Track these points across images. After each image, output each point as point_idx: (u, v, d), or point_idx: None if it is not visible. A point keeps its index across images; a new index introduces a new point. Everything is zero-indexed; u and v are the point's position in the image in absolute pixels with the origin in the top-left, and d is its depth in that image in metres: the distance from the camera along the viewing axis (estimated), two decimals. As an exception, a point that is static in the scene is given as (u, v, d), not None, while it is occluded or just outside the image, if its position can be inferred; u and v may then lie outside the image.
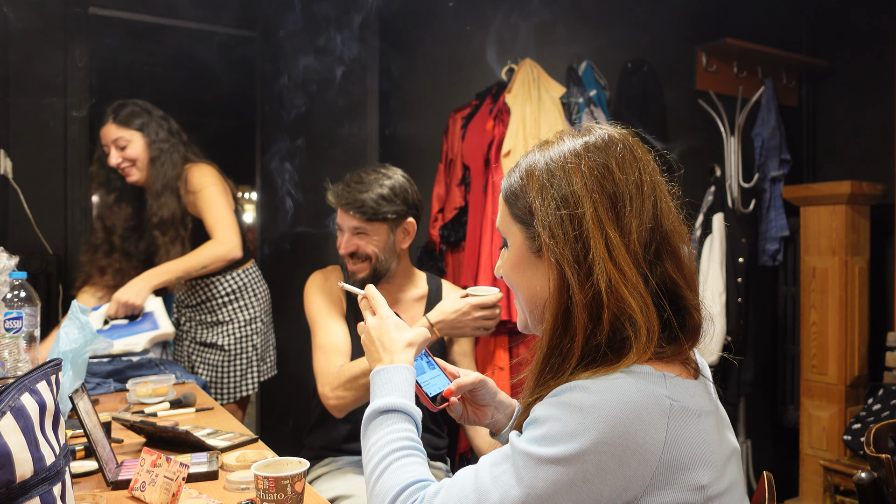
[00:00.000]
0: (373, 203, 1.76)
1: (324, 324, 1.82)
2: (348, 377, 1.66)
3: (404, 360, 1.02)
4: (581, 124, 0.95)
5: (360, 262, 1.81)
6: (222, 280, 2.45)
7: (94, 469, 1.29)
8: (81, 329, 1.51)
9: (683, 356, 0.86)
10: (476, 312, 1.65)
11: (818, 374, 3.20)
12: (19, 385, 0.81)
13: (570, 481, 0.75)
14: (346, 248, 1.80)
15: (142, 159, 2.35)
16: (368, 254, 1.79)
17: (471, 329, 1.68)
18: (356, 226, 1.78)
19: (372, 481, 0.89)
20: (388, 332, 1.06)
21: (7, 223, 2.52)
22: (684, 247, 0.88)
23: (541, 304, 0.91)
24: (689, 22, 3.31)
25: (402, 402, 0.96)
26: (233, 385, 2.45)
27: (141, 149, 2.34)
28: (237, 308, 2.46)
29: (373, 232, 1.78)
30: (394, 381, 0.99)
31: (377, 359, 1.05)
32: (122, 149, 2.33)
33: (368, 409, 0.96)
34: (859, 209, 3.18)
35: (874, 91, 3.37)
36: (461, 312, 1.65)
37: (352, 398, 1.67)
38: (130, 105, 2.37)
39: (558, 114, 2.62)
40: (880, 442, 1.29)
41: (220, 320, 2.45)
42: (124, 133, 2.33)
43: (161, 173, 2.33)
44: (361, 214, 1.76)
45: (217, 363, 2.44)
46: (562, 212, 0.85)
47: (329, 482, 1.75)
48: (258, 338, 2.48)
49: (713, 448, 0.81)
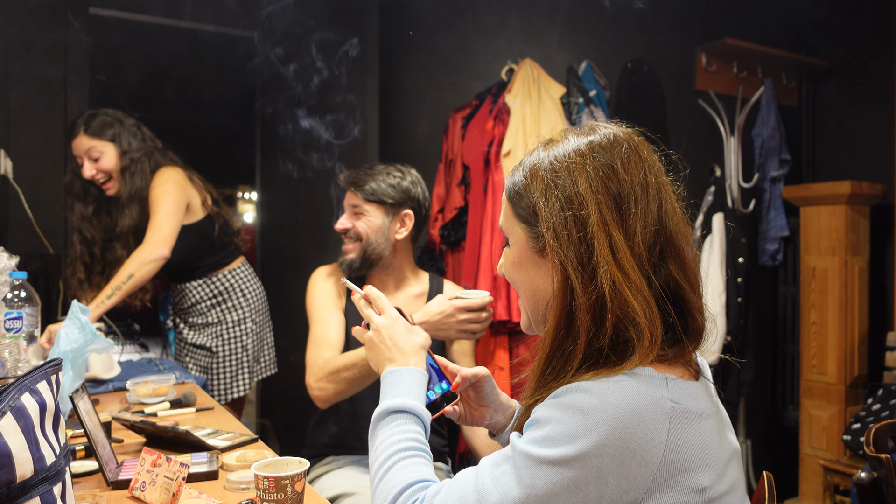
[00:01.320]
0: (374, 185, 1.84)
1: (320, 316, 1.86)
2: (331, 370, 1.69)
3: (419, 364, 1.03)
4: (584, 123, 0.94)
5: (351, 241, 1.87)
6: (208, 282, 2.44)
7: (95, 469, 1.29)
8: (81, 329, 1.51)
9: (686, 358, 0.86)
10: (461, 315, 1.63)
11: (818, 373, 3.20)
12: (19, 385, 0.81)
13: (570, 483, 0.75)
14: (340, 224, 1.87)
15: (116, 170, 2.32)
16: (360, 233, 1.85)
17: (455, 332, 1.65)
18: (354, 203, 1.86)
19: (376, 480, 0.89)
20: (401, 332, 1.07)
21: (7, 223, 2.52)
22: (688, 248, 0.87)
23: (542, 303, 0.91)
24: (689, 22, 3.31)
25: (412, 403, 0.96)
26: (223, 387, 2.43)
27: (114, 160, 2.30)
28: (225, 309, 2.45)
29: (369, 213, 1.85)
30: (405, 382, 0.99)
31: (389, 358, 1.05)
32: (95, 160, 2.29)
33: (378, 409, 0.96)
34: (859, 209, 3.18)
35: (874, 91, 3.37)
36: (445, 314, 1.64)
37: (333, 391, 1.70)
38: (101, 115, 2.32)
39: (558, 114, 2.62)
40: (880, 442, 1.29)
41: (209, 322, 2.45)
42: (96, 144, 2.29)
43: (130, 183, 2.30)
44: (361, 193, 1.84)
45: (206, 365, 2.44)
46: (566, 213, 0.84)
47: (331, 479, 1.76)
48: (249, 338, 2.47)
49: (714, 450, 0.81)
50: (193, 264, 2.43)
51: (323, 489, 1.73)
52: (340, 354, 1.75)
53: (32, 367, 0.87)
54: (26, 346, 1.45)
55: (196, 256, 2.42)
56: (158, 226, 2.23)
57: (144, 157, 2.33)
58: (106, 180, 2.33)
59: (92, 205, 2.40)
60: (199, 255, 2.43)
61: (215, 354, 2.43)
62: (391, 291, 1.91)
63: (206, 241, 2.42)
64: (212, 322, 2.45)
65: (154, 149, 2.37)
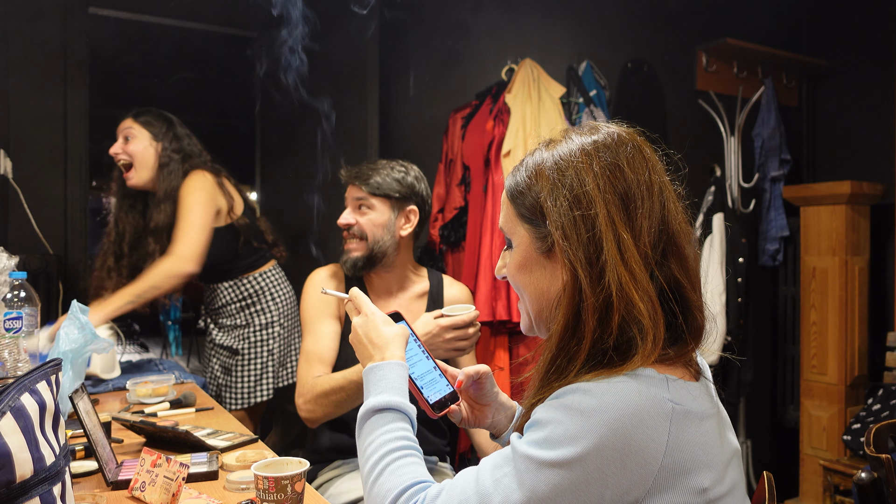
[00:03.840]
0: (379, 178, 1.78)
1: (313, 327, 1.79)
2: (319, 392, 1.64)
3: (396, 356, 1.00)
4: (585, 123, 0.94)
5: (355, 239, 1.80)
6: (238, 284, 2.43)
7: (94, 469, 1.29)
8: (81, 329, 1.51)
9: (686, 358, 0.85)
10: (448, 334, 1.58)
11: (818, 374, 3.20)
12: (19, 385, 0.81)
13: (571, 484, 0.75)
14: (343, 219, 1.80)
15: (140, 160, 2.33)
16: (364, 230, 1.78)
17: (443, 351, 1.59)
18: (359, 196, 1.79)
19: (370, 482, 0.88)
20: (376, 326, 1.04)
21: (7, 223, 2.52)
22: (690, 248, 0.87)
23: (548, 305, 0.90)
24: (689, 22, 3.31)
25: (396, 399, 0.94)
26: (246, 390, 2.40)
27: (143, 149, 2.33)
28: (254, 312, 2.43)
29: (374, 207, 1.78)
30: (388, 378, 0.97)
31: (368, 356, 1.03)
32: (126, 140, 2.33)
33: (363, 408, 0.95)
34: (859, 209, 3.18)
35: (874, 91, 3.37)
36: (432, 335, 1.58)
37: (322, 413, 1.65)
38: (155, 111, 2.39)
39: (558, 114, 2.62)
40: (880, 442, 1.29)
41: (238, 324, 2.43)
42: (135, 127, 2.33)
43: (167, 181, 2.32)
44: (366, 186, 1.78)
45: (230, 366, 2.41)
46: (575, 212, 0.83)
47: (346, 483, 1.72)
48: (275, 342, 2.44)
49: (715, 451, 0.81)
50: (223, 267, 2.43)
51: (336, 494, 1.68)
52: (329, 375, 1.68)
53: (32, 367, 0.87)
54: (26, 346, 1.45)
55: (224, 260, 2.42)
56: (188, 239, 2.22)
57: (184, 158, 2.34)
58: (128, 165, 2.35)
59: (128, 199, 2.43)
60: (227, 259, 2.43)
61: (240, 356, 2.40)
62: (394, 292, 1.86)
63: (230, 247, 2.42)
64: (240, 324, 2.43)
65: (199, 156, 2.38)
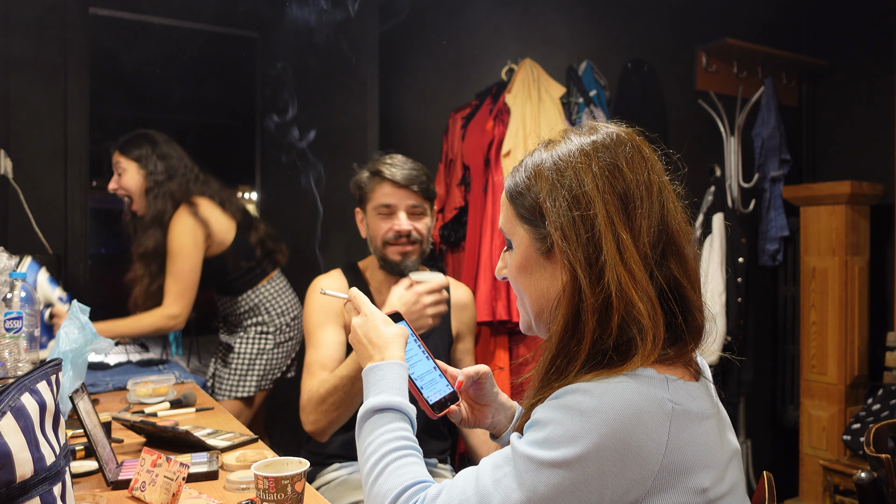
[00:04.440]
0: (427, 180, 1.69)
1: (316, 337, 1.73)
2: (317, 400, 1.58)
3: (396, 356, 1.00)
4: (584, 123, 0.93)
5: (410, 244, 1.70)
6: (240, 298, 2.52)
7: (94, 469, 1.29)
8: (81, 329, 1.51)
9: (686, 358, 0.86)
10: (426, 299, 1.52)
11: (818, 374, 3.20)
12: (19, 385, 0.81)
13: (571, 485, 0.75)
14: (406, 227, 1.68)
15: (136, 192, 2.37)
16: (421, 235, 1.70)
17: (428, 317, 1.54)
18: (415, 203, 1.69)
19: (370, 482, 0.89)
20: (375, 327, 1.03)
21: (7, 223, 2.52)
22: (689, 247, 0.87)
23: (549, 306, 0.90)
24: (689, 22, 3.31)
25: (396, 399, 0.94)
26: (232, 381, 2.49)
27: (135, 182, 2.35)
28: (254, 322, 2.53)
29: (426, 212, 1.71)
30: (387, 377, 0.97)
31: (368, 356, 1.02)
32: (119, 176, 2.37)
33: (363, 409, 0.95)
34: (859, 209, 3.18)
35: (874, 91, 3.36)
36: (410, 303, 1.52)
37: (326, 422, 1.59)
38: (137, 134, 2.38)
39: (558, 114, 2.62)
40: (880, 442, 1.29)
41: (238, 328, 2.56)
42: (121, 160, 2.36)
43: (153, 206, 2.33)
44: (421, 191, 1.68)
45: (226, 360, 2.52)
46: (574, 213, 0.84)
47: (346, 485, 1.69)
48: (268, 343, 2.53)
49: (715, 451, 0.81)
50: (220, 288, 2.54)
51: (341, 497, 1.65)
52: (323, 379, 1.61)
53: (32, 367, 0.87)
54: (26, 346, 1.44)
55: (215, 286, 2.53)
56: (178, 296, 2.29)
57: (170, 181, 2.34)
58: (127, 198, 2.39)
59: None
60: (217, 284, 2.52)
61: (234, 353, 2.51)
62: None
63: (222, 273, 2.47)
64: (239, 329, 2.55)
65: (185, 175, 2.38)
